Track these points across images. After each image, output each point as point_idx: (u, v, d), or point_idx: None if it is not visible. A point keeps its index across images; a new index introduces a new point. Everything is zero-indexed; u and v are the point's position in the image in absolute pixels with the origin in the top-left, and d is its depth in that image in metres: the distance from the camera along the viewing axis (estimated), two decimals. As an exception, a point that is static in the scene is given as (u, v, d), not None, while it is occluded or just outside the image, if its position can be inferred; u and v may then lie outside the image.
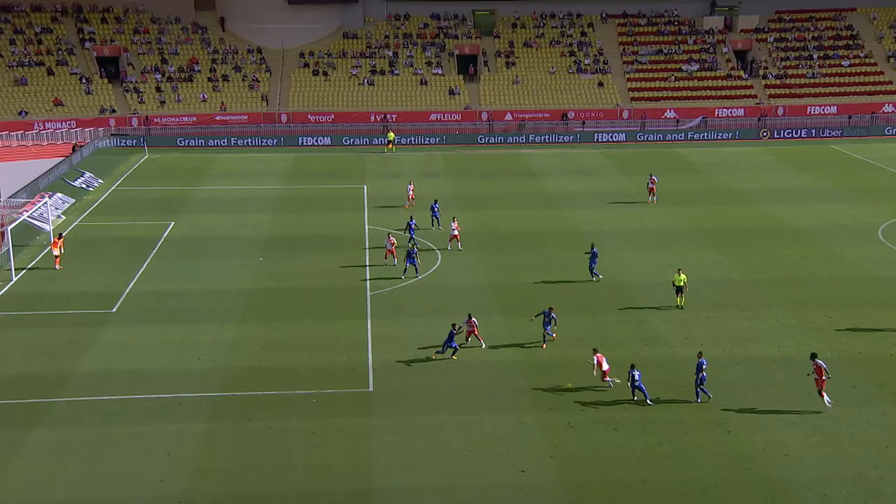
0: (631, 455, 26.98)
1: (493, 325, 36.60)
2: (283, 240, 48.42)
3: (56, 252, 42.74)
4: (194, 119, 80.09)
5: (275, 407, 29.84)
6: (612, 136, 78.75)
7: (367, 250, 46.59)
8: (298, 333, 35.73)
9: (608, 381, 31.11)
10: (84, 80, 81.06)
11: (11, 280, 41.65)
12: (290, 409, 29.73)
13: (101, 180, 62.33)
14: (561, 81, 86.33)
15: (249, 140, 75.92)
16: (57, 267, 42.38)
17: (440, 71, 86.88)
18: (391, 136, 74.55)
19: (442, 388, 31.10)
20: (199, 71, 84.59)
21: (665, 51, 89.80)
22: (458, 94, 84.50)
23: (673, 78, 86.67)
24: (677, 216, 53.38)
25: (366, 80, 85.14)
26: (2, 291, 40.48)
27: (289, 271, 43.56)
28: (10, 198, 52.37)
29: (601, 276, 41.68)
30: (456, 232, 46.11)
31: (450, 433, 28.14)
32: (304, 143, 76.09)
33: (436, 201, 51.35)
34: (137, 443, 27.50)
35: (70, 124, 76.40)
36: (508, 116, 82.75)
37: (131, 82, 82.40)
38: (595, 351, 31.48)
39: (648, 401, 29.90)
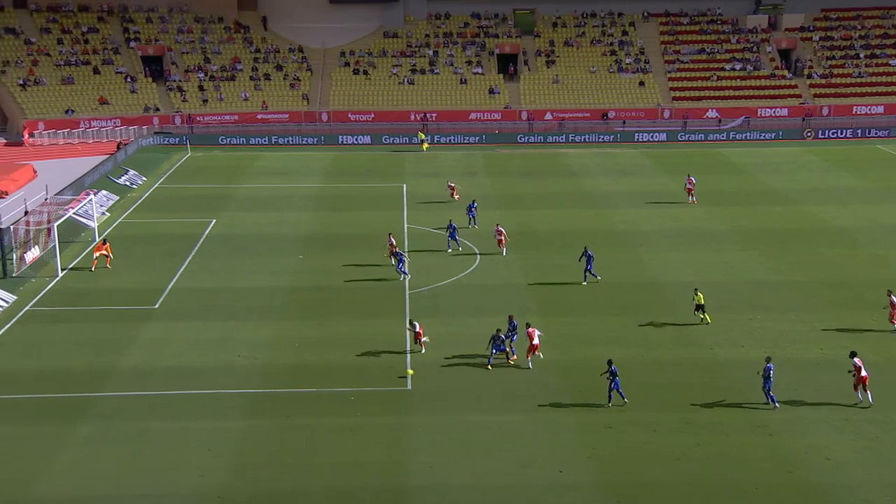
0: (670, 456, 26.73)
1: (533, 325, 36.42)
2: (322, 238, 48.64)
3: (96, 255, 43.18)
4: (236, 118, 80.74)
5: (312, 404, 29.98)
6: (652, 136, 78.15)
7: (406, 249, 46.65)
8: (337, 331, 35.88)
9: (536, 356, 31.72)
10: (129, 79, 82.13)
11: (58, 276, 42.27)
12: (327, 406, 29.84)
13: (144, 178, 63.12)
14: (601, 81, 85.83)
15: (290, 139, 76.37)
16: (93, 269, 42.77)
17: (480, 70, 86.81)
18: (421, 136, 74.28)
19: (479, 388, 31.04)
20: (242, 70, 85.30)
21: (707, 50, 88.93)
22: (498, 93, 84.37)
23: (715, 77, 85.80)
24: (718, 216, 52.86)
25: (406, 80, 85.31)
26: (48, 287, 41.14)
27: (328, 269, 43.75)
28: (56, 195, 53.14)
29: (599, 277, 41.25)
30: (501, 237, 45.62)
31: (486, 432, 28.08)
32: (344, 142, 76.44)
33: (474, 201, 51.19)
34: (178, 438, 27.78)
35: (115, 122, 77.45)
36: (548, 116, 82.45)
37: (175, 81, 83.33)
38: (528, 325, 32.67)
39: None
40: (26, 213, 47.60)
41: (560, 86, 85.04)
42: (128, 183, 61.57)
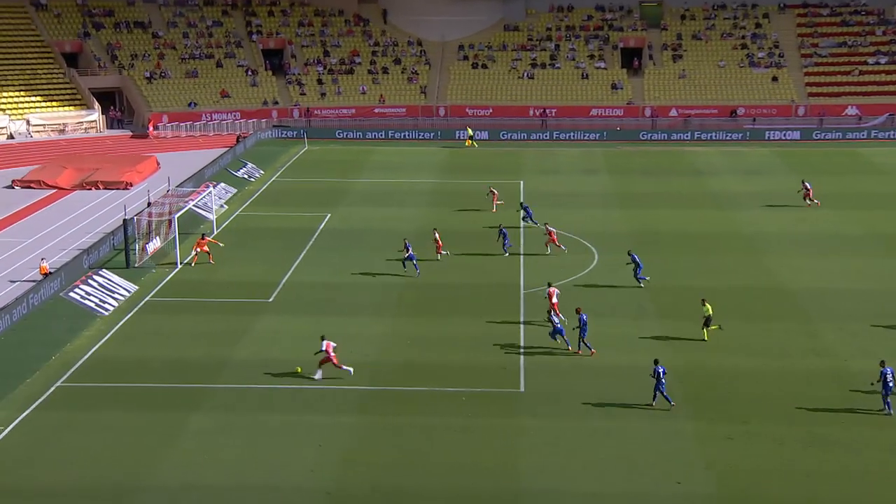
0: (798, 472, 25.94)
1: (649, 328, 36.03)
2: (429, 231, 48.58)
3: (196, 250, 44.00)
4: (353, 111, 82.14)
5: (424, 403, 30.20)
6: (785, 134, 75.77)
7: (522, 246, 46.45)
8: (450, 330, 36.05)
9: (555, 318, 33.56)
10: (250, 73, 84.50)
11: (177, 267, 43.70)
12: (439, 406, 30.02)
13: (261, 171, 64.65)
14: (731, 75, 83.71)
15: (407, 133, 77.19)
16: (192, 264, 43.51)
17: (603, 64, 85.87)
18: (469, 132, 73.66)
19: (595, 392, 30.76)
20: (360, 63, 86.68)
21: (849, 42, 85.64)
22: (621, 88, 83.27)
23: (857, 72, 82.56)
24: (855, 220, 50.93)
25: (526, 74, 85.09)
26: (168, 278, 42.58)
27: (442, 266, 43.94)
28: (177, 186, 54.83)
29: (648, 278, 40.48)
30: (553, 236, 45.21)
31: (602, 438, 27.83)
32: (462, 137, 76.72)
33: (522, 202, 50.42)
34: (290, 432, 28.37)
35: (235, 115, 79.83)
36: (673, 112, 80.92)
37: (294, 74, 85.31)
38: (549, 284, 36.19)
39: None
40: (149, 204, 49.18)
41: (686, 81, 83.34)
42: (246, 176, 63.17)
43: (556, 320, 34.22)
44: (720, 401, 29.99)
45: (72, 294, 39.22)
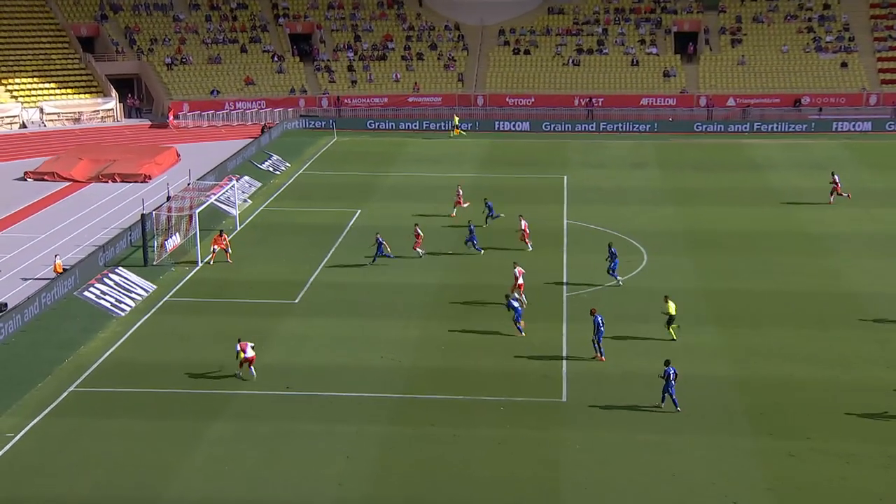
0: (869, 495, 25.48)
1: (706, 334, 35.76)
2: (477, 232, 48.45)
3: (214, 248, 44.17)
4: (385, 100, 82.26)
5: (459, 412, 30.09)
6: (854, 125, 74.80)
7: (566, 247, 46.19)
8: (488, 335, 35.90)
9: (514, 301, 34.86)
10: (276, 59, 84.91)
11: (197, 265, 43.92)
12: (475, 415, 29.91)
13: (288, 163, 64.87)
14: (795, 62, 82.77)
15: (441, 124, 77.03)
16: (211, 262, 43.74)
17: (654, 50, 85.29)
18: (456, 120, 73.57)
19: (643, 403, 30.48)
20: (393, 49, 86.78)
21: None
22: (674, 75, 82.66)
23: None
24: (930, 219, 50.21)
25: (571, 60, 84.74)
26: (188, 277, 42.77)
27: (480, 266, 43.73)
28: (198, 180, 55.14)
29: (622, 281, 40.35)
30: (526, 230, 45.35)
31: (651, 453, 27.56)
32: (501, 128, 76.50)
33: (486, 199, 50.29)
34: (316, 442, 28.41)
35: (260, 104, 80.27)
36: (731, 101, 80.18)
37: (323, 60, 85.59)
38: (515, 264, 37.85)
39: None
40: (168, 198, 49.51)
41: (746, 67, 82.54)
42: (271, 168, 63.47)
43: (515, 303, 34.95)
44: (781, 414, 29.61)
45: (86, 293, 39.57)
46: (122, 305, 39.29)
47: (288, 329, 36.88)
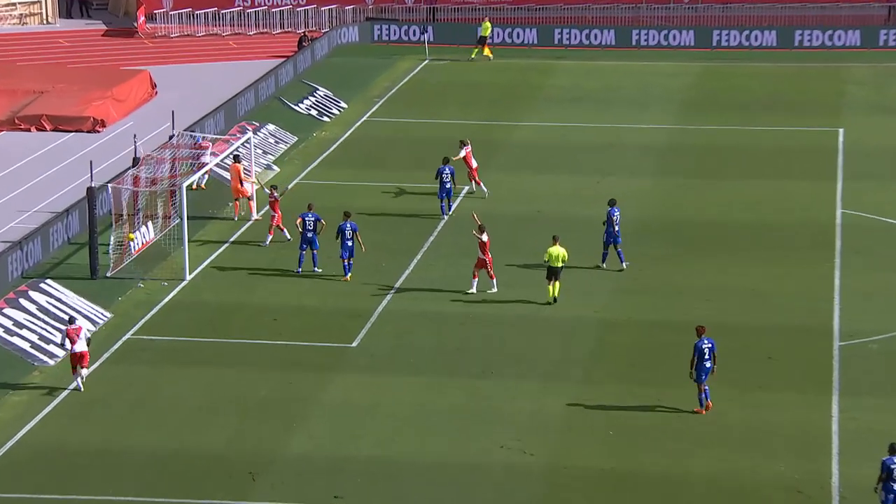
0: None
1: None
2: (673, 227, 37.60)
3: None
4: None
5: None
6: None
7: (839, 258, 35.50)
8: (671, 407, 27.25)
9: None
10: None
11: (185, 278, 33.77)
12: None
13: (344, 103, 51.58)
14: None
15: (613, 34, 59.76)
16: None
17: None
18: (486, 26, 57.88)
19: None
20: None
21: None
22: None
23: None
24: None
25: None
26: (167, 299, 32.44)
27: (683, 285, 33.64)
28: (187, 129, 43.78)
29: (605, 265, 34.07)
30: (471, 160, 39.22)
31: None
32: (721, 42, 59.20)
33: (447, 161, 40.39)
34: None
35: None
36: None
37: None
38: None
39: None
40: (135, 161, 38.03)
41: None
42: (314, 112, 50.28)
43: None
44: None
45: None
46: (50, 348, 29.99)
47: (337, 395, 28.42)
